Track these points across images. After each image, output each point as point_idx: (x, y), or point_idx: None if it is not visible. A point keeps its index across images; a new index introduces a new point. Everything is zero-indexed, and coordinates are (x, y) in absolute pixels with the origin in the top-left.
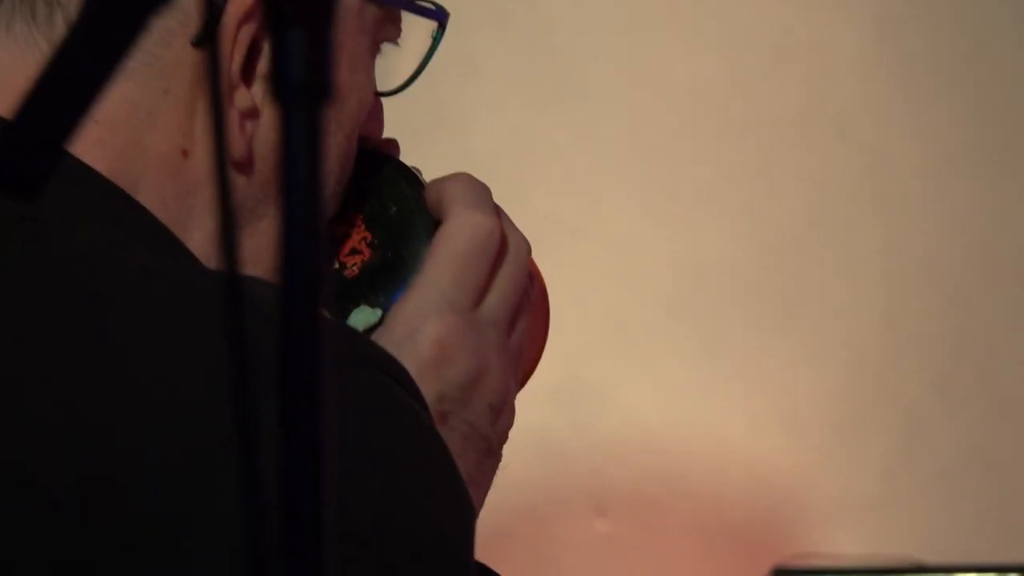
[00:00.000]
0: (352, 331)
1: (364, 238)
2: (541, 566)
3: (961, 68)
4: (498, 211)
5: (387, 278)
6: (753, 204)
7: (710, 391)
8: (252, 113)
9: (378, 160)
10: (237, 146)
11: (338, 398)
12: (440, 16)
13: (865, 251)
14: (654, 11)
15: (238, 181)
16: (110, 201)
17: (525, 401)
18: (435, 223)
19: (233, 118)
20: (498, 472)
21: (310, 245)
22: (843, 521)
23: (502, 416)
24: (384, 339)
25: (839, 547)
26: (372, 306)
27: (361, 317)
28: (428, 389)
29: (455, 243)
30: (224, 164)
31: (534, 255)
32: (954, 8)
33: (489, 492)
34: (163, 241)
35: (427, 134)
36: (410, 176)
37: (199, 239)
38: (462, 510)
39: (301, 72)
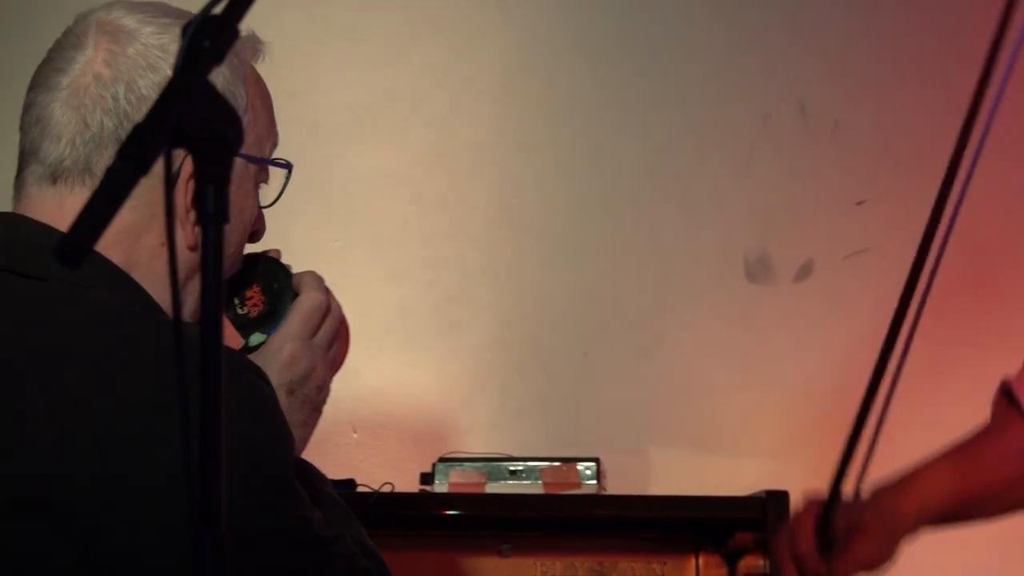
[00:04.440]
0: (235, 351)
1: (261, 298)
2: (325, 457)
3: None
4: (328, 291)
5: (270, 319)
6: (428, 274)
7: (415, 368)
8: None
9: (270, 259)
10: (191, 239)
11: (228, 386)
12: (288, 166)
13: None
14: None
15: (190, 256)
16: (119, 279)
17: None
18: (296, 294)
19: (188, 228)
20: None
21: (216, 304)
22: (474, 432)
23: (323, 392)
24: (265, 350)
25: (473, 448)
26: (262, 333)
27: (256, 338)
28: (284, 378)
29: (304, 306)
30: (175, 257)
31: (348, 312)
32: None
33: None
34: (146, 302)
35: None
36: (286, 268)
37: (170, 294)
38: (284, 438)
39: (212, 208)
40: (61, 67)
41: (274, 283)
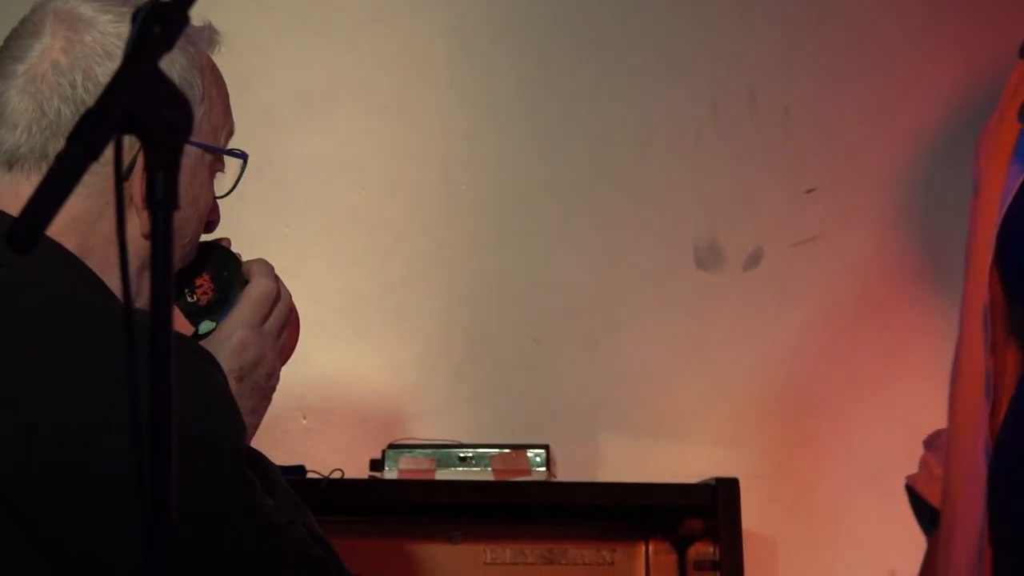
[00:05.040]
0: (186, 337)
1: (211, 286)
2: (275, 443)
3: None
4: (278, 279)
5: (220, 307)
6: (377, 260)
7: (364, 354)
8: None
9: (220, 248)
10: (146, 227)
11: (179, 372)
12: (243, 156)
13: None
14: None
15: (145, 244)
16: (73, 266)
17: None
18: (246, 282)
19: (143, 215)
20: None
21: (166, 291)
22: (424, 419)
23: (272, 379)
24: (215, 338)
25: (422, 434)
26: (212, 320)
27: (205, 325)
28: (234, 365)
29: (254, 293)
30: (124, 245)
31: (298, 300)
32: None
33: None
34: (100, 289)
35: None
36: (235, 256)
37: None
38: (236, 425)
39: (161, 194)
40: (18, 55)
41: (224, 271)
